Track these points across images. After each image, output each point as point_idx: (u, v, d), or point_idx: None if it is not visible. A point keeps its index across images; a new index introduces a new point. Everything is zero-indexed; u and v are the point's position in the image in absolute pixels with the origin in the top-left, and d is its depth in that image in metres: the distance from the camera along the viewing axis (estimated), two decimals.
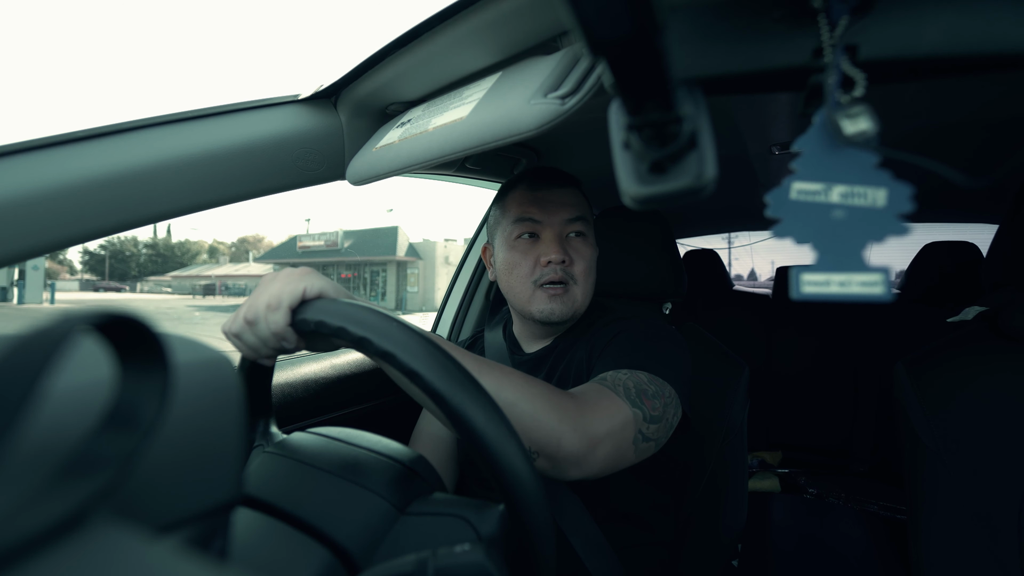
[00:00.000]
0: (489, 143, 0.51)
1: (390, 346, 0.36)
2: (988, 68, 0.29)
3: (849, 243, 0.25)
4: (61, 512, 0.16)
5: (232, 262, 66.95)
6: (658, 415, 0.61)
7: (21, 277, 22.42)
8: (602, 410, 0.56)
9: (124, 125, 0.55)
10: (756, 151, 1.14)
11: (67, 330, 0.16)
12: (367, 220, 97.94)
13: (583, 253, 0.77)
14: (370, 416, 1.00)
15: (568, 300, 0.75)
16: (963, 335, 0.75)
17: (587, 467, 0.53)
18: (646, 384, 0.62)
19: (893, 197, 0.25)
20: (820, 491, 1.62)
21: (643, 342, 0.70)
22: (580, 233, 0.77)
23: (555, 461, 0.51)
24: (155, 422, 0.20)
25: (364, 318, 0.38)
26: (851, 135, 0.26)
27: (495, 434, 0.33)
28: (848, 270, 0.25)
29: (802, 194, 0.26)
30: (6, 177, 0.47)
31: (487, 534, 0.35)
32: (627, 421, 0.57)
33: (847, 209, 0.25)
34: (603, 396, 0.58)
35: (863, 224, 0.25)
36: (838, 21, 0.27)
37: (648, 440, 0.60)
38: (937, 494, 0.68)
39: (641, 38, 0.21)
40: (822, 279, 0.25)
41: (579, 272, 0.76)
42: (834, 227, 0.25)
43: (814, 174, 0.26)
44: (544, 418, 0.50)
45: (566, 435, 0.51)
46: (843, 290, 0.25)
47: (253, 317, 0.44)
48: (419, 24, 0.56)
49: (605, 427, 0.55)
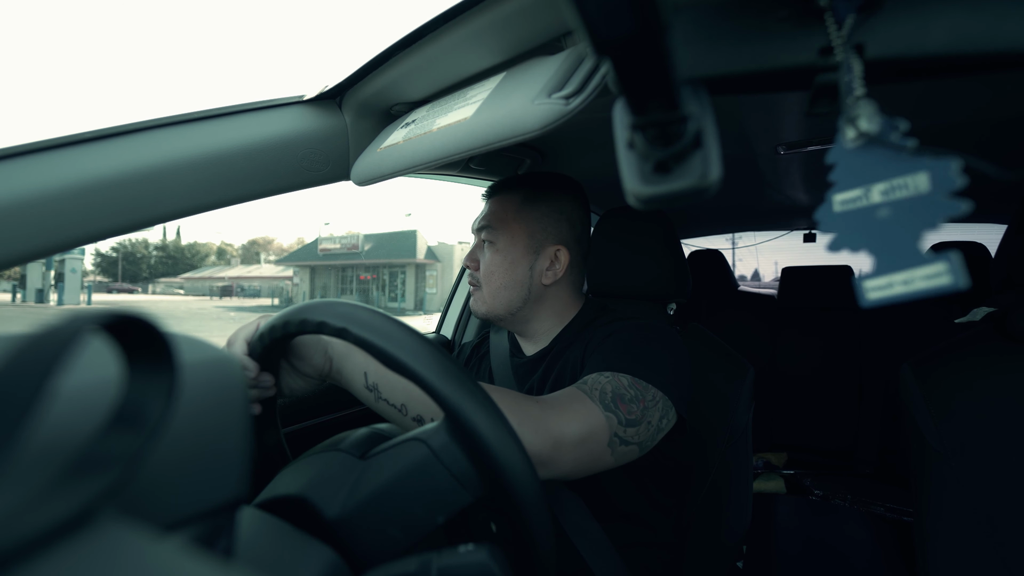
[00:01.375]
0: (493, 143, 0.51)
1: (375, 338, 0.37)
2: (995, 67, 0.29)
3: (902, 239, 0.24)
4: (68, 510, 0.17)
5: (243, 264, 67.46)
6: (635, 419, 0.61)
7: (60, 280, 23.28)
8: (570, 413, 0.57)
9: (131, 126, 0.55)
10: (762, 151, 1.13)
11: (76, 330, 0.16)
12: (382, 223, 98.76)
13: (485, 259, 0.83)
14: (372, 416, 1.00)
15: (478, 299, 0.84)
16: (970, 336, 0.74)
17: (555, 468, 0.54)
18: (625, 388, 0.62)
19: (937, 177, 0.24)
20: (825, 493, 1.61)
21: (633, 345, 0.70)
22: (487, 240, 0.84)
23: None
24: (161, 421, 0.20)
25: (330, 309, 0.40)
26: (853, 139, 0.26)
27: (492, 432, 0.33)
28: (907, 267, 0.24)
29: (844, 204, 0.26)
30: (16, 177, 0.47)
31: (438, 446, 0.37)
32: (598, 425, 0.58)
33: (891, 205, 0.25)
34: (574, 400, 0.59)
35: (911, 215, 0.24)
36: (844, 20, 0.27)
37: (627, 443, 0.60)
38: (943, 496, 0.68)
39: (645, 37, 0.21)
40: (884, 282, 0.24)
41: (482, 275, 0.83)
42: (884, 227, 0.25)
43: (850, 181, 0.26)
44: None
45: (525, 436, 0.51)
46: (908, 288, 0.24)
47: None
48: (423, 25, 0.56)
49: (571, 429, 0.56)
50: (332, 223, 42.46)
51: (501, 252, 0.81)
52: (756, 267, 9.55)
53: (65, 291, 23.12)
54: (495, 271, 0.81)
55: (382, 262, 29.68)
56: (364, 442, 0.42)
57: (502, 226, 0.82)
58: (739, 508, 0.91)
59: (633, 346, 0.70)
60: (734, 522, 0.91)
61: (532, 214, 0.82)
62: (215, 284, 45.92)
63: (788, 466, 1.83)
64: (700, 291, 1.98)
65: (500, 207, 0.83)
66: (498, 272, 0.81)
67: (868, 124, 0.26)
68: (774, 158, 1.17)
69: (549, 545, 0.34)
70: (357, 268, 31.73)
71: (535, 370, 0.82)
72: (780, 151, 1.11)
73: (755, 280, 10.13)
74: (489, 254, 0.82)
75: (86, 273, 30.39)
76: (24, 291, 25.73)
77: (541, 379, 0.81)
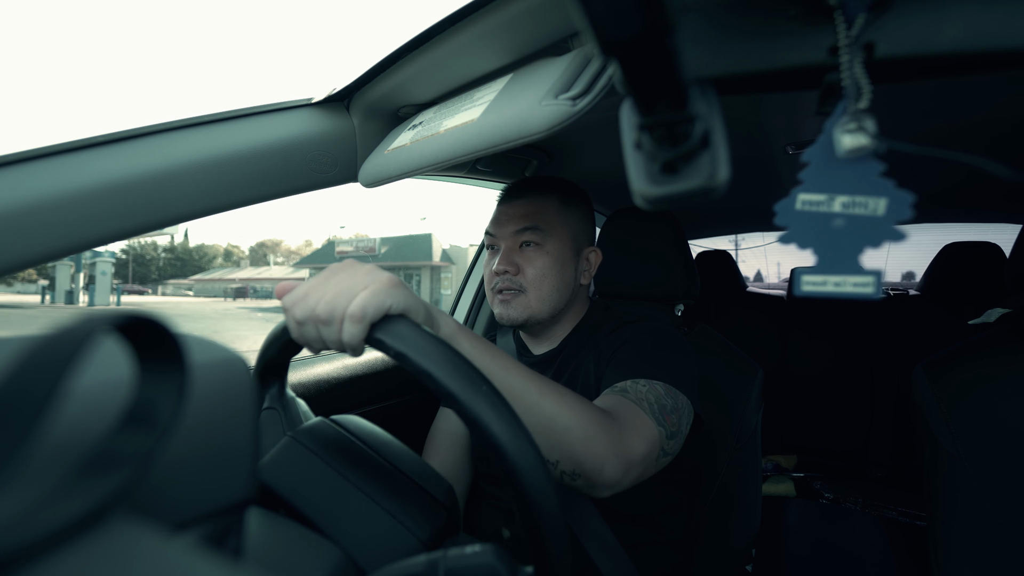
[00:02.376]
0: (500, 145, 0.51)
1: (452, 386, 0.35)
2: (1008, 65, 0.28)
3: (847, 249, 0.28)
4: (80, 509, 0.17)
5: (252, 266, 68.10)
6: (675, 430, 0.62)
7: (92, 282, 24.27)
8: (638, 432, 0.57)
9: (142, 130, 0.56)
10: (770, 151, 1.12)
11: (89, 331, 0.17)
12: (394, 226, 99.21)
13: (534, 261, 0.79)
14: (383, 415, 1.01)
15: (518, 305, 0.79)
16: (984, 338, 0.73)
17: (619, 488, 0.55)
18: (664, 397, 0.64)
19: (893, 205, 0.27)
20: (836, 496, 1.59)
21: (652, 351, 0.72)
22: (532, 242, 0.80)
23: (593, 483, 0.53)
24: (172, 421, 0.20)
25: (435, 353, 0.36)
26: (849, 151, 0.27)
27: (508, 435, 0.33)
28: (844, 272, 0.28)
29: (806, 204, 0.29)
30: (30, 181, 0.48)
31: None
32: (655, 440, 0.59)
33: (847, 218, 0.28)
34: (635, 416, 0.59)
35: (862, 231, 0.28)
36: (855, 18, 0.27)
37: (667, 455, 0.62)
38: (957, 500, 0.67)
39: (652, 38, 0.21)
40: (819, 279, 0.28)
41: (529, 280, 0.79)
42: (834, 234, 0.28)
43: (819, 185, 0.29)
44: (594, 444, 0.51)
45: (610, 461, 0.52)
46: (837, 289, 0.28)
47: (328, 317, 0.41)
48: (430, 27, 0.56)
49: (641, 451, 0.56)
50: (345, 227, 43.08)
51: (551, 254, 0.79)
52: (759, 269, 9.50)
53: (96, 292, 24.05)
54: (547, 274, 0.79)
55: (398, 264, 30.33)
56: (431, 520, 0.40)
57: (549, 227, 0.80)
58: (748, 511, 0.91)
59: (654, 352, 0.71)
60: (743, 525, 0.90)
61: (573, 215, 0.83)
62: (228, 286, 46.41)
63: (798, 469, 1.81)
64: (708, 292, 1.97)
65: (540, 208, 0.80)
66: (551, 275, 0.79)
67: (866, 139, 0.26)
68: (784, 158, 1.16)
69: (566, 555, 0.34)
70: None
71: (544, 371, 0.83)
72: (789, 150, 1.10)
73: (758, 281, 10.07)
74: (537, 256, 0.79)
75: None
76: (53, 293, 26.73)
77: (551, 379, 0.81)
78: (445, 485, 0.44)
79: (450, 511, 0.43)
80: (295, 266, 45.80)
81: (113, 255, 29.49)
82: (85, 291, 25.83)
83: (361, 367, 1.02)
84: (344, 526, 0.38)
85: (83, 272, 27.07)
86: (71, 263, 26.81)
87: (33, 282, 51.63)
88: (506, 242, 0.81)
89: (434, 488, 0.43)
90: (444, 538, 0.41)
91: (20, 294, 43.88)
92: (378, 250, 32.12)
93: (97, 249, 0.58)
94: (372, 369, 1.03)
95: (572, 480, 0.52)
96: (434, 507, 0.42)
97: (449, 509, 0.43)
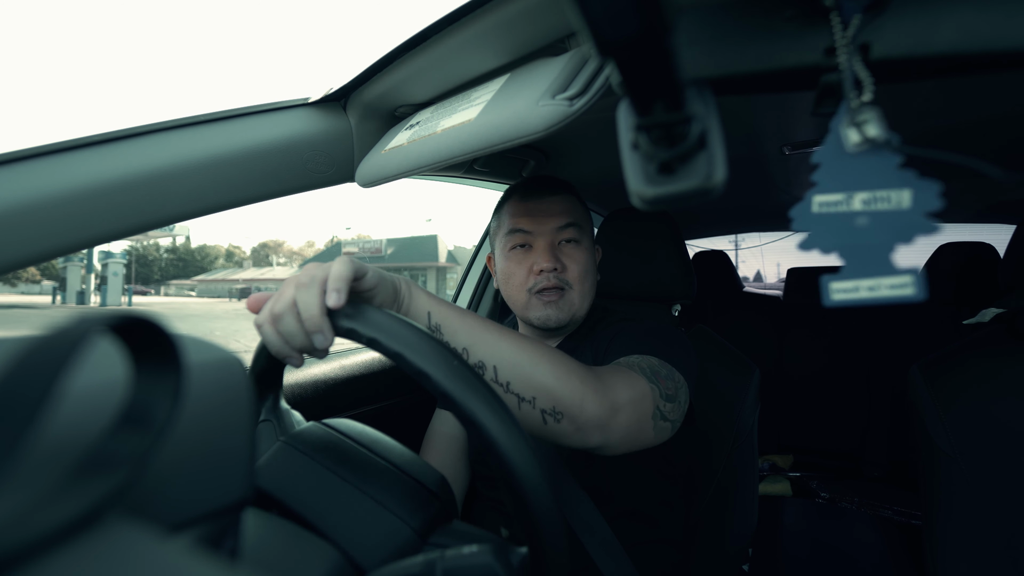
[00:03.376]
0: (497, 145, 0.51)
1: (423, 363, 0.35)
2: (1004, 66, 0.28)
3: (875, 248, 0.26)
4: (76, 511, 0.17)
5: (255, 266, 67.97)
6: (672, 394, 0.62)
7: (103, 282, 25.07)
8: (621, 379, 0.57)
9: (138, 129, 0.56)
10: (767, 151, 1.13)
11: (84, 331, 0.16)
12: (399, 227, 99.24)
13: (576, 258, 0.78)
14: (379, 416, 1.01)
15: (564, 305, 0.77)
16: (980, 337, 0.73)
17: (609, 432, 0.53)
18: (658, 367, 0.64)
19: (919, 196, 0.25)
20: (833, 495, 1.60)
21: (648, 334, 0.72)
22: (572, 239, 0.78)
23: (578, 423, 0.52)
24: (168, 422, 0.20)
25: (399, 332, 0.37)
26: (858, 144, 0.26)
27: (504, 435, 0.33)
28: (876, 275, 0.25)
29: (824, 206, 0.27)
30: (27, 180, 0.48)
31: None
32: (645, 393, 0.58)
33: (871, 215, 0.26)
34: (620, 370, 0.60)
35: (889, 228, 0.26)
36: (851, 20, 0.27)
37: (665, 420, 0.60)
38: (953, 499, 0.67)
39: (649, 38, 0.21)
40: (851, 285, 0.26)
41: (574, 277, 0.77)
42: (858, 234, 0.26)
43: (834, 185, 0.27)
44: (567, 380, 0.51)
45: (588, 396, 0.51)
46: (873, 294, 0.25)
47: (309, 281, 0.42)
48: (428, 27, 0.56)
49: (626, 395, 0.56)
50: (351, 228, 43.45)
51: (588, 251, 0.80)
52: (758, 268, 9.50)
53: (108, 293, 24.59)
54: (589, 271, 0.79)
55: (404, 265, 30.67)
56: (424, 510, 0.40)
57: (586, 224, 0.81)
58: (745, 511, 0.91)
59: (649, 335, 0.72)
60: (740, 525, 0.90)
61: (588, 214, 0.84)
62: (232, 287, 46.36)
63: (794, 468, 1.82)
64: (705, 292, 1.97)
65: (573, 205, 0.80)
66: (591, 272, 0.80)
67: (876, 131, 0.26)
68: (780, 158, 1.16)
69: (563, 552, 0.34)
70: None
71: None
72: (786, 151, 1.10)
73: (758, 281, 10.10)
74: (578, 253, 0.78)
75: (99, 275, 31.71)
76: (64, 293, 27.28)
77: None
78: (436, 475, 0.44)
79: (443, 500, 0.42)
80: (301, 267, 45.99)
81: (125, 256, 29.81)
82: (97, 292, 26.33)
83: (357, 368, 1.02)
84: (337, 520, 0.38)
85: (94, 273, 27.61)
86: (82, 264, 27.23)
87: (37, 282, 51.64)
88: (545, 239, 0.77)
89: (425, 478, 0.43)
90: (437, 526, 0.41)
91: (27, 294, 43.82)
92: (384, 251, 32.54)
93: (109, 250, 0.58)
94: (368, 370, 1.03)
95: (556, 422, 0.51)
96: (426, 496, 0.41)
97: (442, 498, 0.42)
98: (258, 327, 0.44)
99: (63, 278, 27.71)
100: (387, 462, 0.43)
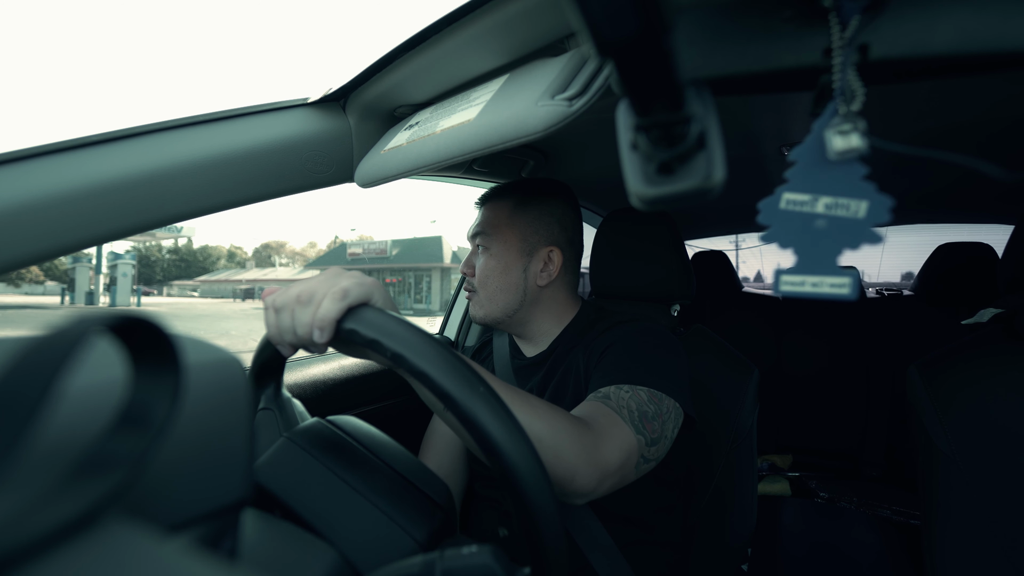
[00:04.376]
0: (497, 145, 0.51)
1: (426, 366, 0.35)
2: (1002, 66, 0.28)
3: (826, 249, 0.28)
4: (74, 511, 0.17)
5: (258, 267, 67.97)
6: (657, 436, 0.63)
7: (113, 283, 25.70)
8: (614, 440, 0.57)
9: (137, 129, 0.56)
10: (766, 151, 1.13)
11: (83, 331, 0.16)
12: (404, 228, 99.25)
13: (481, 264, 0.84)
14: (379, 416, 1.01)
15: (475, 305, 0.85)
16: (978, 337, 0.74)
17: (593, 496, 0.55)
18: (646, 404, 0.64)
19: (873, 209, 0.27)
20: (831, 495, 1.60)
21: (640, 353, 0.71)
22: (480, 246, 0.85)
23: (566, 492, 0.52)
24: (167, 422, 0.20)
25: (401, 334, 0.37)
26: (840, 152, 0.27)
27: (505, 437, 0.33)
28: (822, 273, 0.28)
29: (790, 204, 0.29)
30: (27, 180, 0.48)
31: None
32: (633, 449, 0.59)
33: (829, 219, 0.28)
34: (612, 423, 0.59)
35: (841, 233, 0.28)
36: (849, 20, 0.27)
37: (649, 461, 0.62)
38: (951, 499, 0.67)
39: (648, 39, 0.21)
40: (798, 279, 0.28)
41: (478, 281, 0.84)
42: (815, 235, 0.28)
43: (804, 185, 0.29)
44: (565, 454, 0.51)
45: (580, 470, 0.52)
46: (815, 290, 0.28)
47: (309, 297, 0.42)
48: (427, 27, 0.56)
49: (617, 460, 0.56)
50: (356, 229, 43.75)
51: (495, 257, 0.83)
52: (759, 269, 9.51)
53: (117, 293, 25.20)
54: (490, 275, 0.83)
55: (409, 266, 30.86)
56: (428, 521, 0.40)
57: (495, 232, 0.83)
58: (744, 510, 0.91)
59: (642, 354, 0.71)
60: (738, 525, 0.90)
61: (524, 218, 0.84)
62: (235, 287, 46.38)
63: (793, 468, 1.82)
64: (704, 292, 1.97)
65: (492, 214, 0.85)
66: (493, 276, 0.82)
67: (858, 142, 0.26)
68: (779, 159, 1.17)
69: (563, 557, 0.34)
70: (383, 272, 33.27)
71: (535, 372, 0.83)
72: (785, 151, 1.10)
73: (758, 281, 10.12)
74: (484, 259, 0.84)
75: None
76: (73, 294, 27.64)
77: (542, 381, 0.81)
78: (441, 485, 0.44)
79: (447, 512, 0.42)
80: (308, 266, 45.84)
81: (134, 256, 30.17)
82: (106, 292, 26.70)
83: (357, 368, 1.02)
84: (340, 527, 0.38)
85: (103, 274, 27.85)
86: (90, 265, 27.44)
87: (40, 283, 51.59)
88: (472, 246, 0.88)
89: (431, 489, 0.43)
90: (441, 539, 0.41)
91: (30, 295, 43.72)
92: (389, 252, 32.62)
93: (118, 251, 0.58)
94: (368, 370, 1.03)
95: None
96: (431, 508, 0.41)
97: (446, 509, 0.42)
98: (264, 309, 0.46)
99: (72, 279, 28.17)
100: (392, 469, 0.43)
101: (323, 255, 40.11)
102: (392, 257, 32.24)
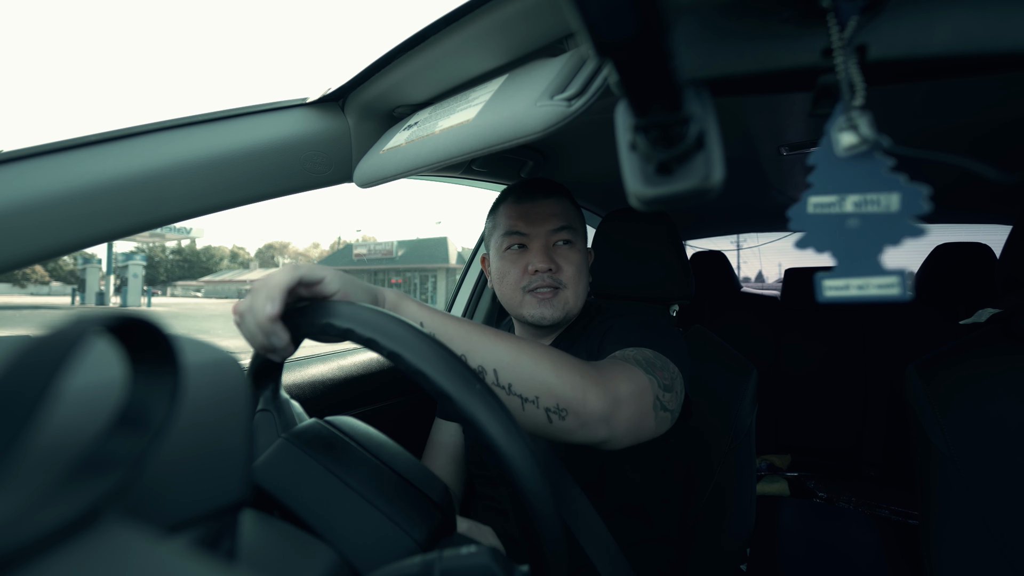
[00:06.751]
0: (495, 145, 0.51)
1: (396, 346, 0.36)
2: (1000, 67, 0.28)
3: (865, 249, 0.27)
4: (73, 512, 0.17)
5: (261, 267, 68.03)
6: (669, 384, 0.63)
7: (123, 284, 26.03)
8: (620, 372, 0.58)
9: (136, 129, 0.56)
10: (765, 152, 1.13)
11: (81, 332, 0.16)
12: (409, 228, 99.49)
13: (570, 259, 0.80)
14: (377, 417, 1.01)
15: (558, 303, 0.79)
16: (976, 338, 0.74)
17: (614, 425, 0.54)
18: (653, 358, 0.65)
19: (907, 200, 0.26)
20: (830, 495, 1.60)
21: (640, 327, 0.73)
22: (566, 241, 0.81)
23: (582, 419, 0.52)
24: (165, 423, 0.20)
25: (373, 320, 0.37)
26: (848, 148, 0.27)
27: (503, 435, 0.33)
28: (866, 274, 0.27)
29: (818, 207, 0.28)
30: (27, 180, 0.48)
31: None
32: (645, 385, 0.59)
33: (861, 217, 0.27)
34: (618, 363, 0.60)
35: (878, 229, 0.27)
36: (847, 21, 0.27)
37: (665, 410, 0.61)
38: (949, 499, 0.67)
39: (647, 39, 0.21)
40: (842, 283, 0.27)
41: (568, 277, 0.80)
42: (850, 235, 0.27)
43: (828, 187, 0.28)
44: (568, 377, 0.51)
45: (590, 391, 0.52)
46: (862, 292, 0.27)
47: (250, 301, 0.42)
48: (426, 27, 0.56)
49: (627, 387, 0.56)
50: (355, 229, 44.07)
51: (581, 252, 0.83)
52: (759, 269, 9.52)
53: (128, 294, 25.39)
54: (582, 271, 0.82)
55: (415, 267, 31.06)
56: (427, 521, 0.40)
57: (579, 226, 0.83)
58: (742, 510, 0.91)
59: (642, 328, 0.73)
60: (737, 525, 0.91)
61: (582, 217, 0.85)
62: (240, 287, 46.37)
63: (792, 468, 1.82)
64: (703, 293, 1.98)
65: (567, 207, 0.83)
66: (584, 272, 0.82)
67: (867, 132, 0.26)
68: (777, 159, 1.17)
69: (560, 551, 0.34)
70: (389, 272, 33.50)
71: None
72: (783, 152, 1.11)
73: (759, 281, 10.12)
74: (572, 254, 0.81)
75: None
76: (83, 294, 27.85)
77: None
78: (440, 485, 0.44)
79: (445, 511, 0.42)
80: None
81: (145, 257, 30.30)
82: (117, 293, 26.96)
83: (355, 368, 1.01)
84: (339, 528, 0.38)
85: (113, 274, 28.12)
86: (100, 265, 27.55)
87: (45, 283, 51.49)
88: (540, 240, 0.80)
89: (429, 488, 0.43)
90: (439, 538, 0.41)
91: (36, 295, 43.64)
92: (395, 253, 32.88)
93: (129, 251, 0.58)
94: (367, 370, 1.03)
95: (561, 419, 0.51)
96: (429, 508, 0.41)
97: (444, 509, 0.42)
98: (237, 313, 0.45)
99: (82, 279, 28.36)
100: (391, 469, 0.43)
101: (329, 255, 40.23)
102: (398, 258, 32.51)
